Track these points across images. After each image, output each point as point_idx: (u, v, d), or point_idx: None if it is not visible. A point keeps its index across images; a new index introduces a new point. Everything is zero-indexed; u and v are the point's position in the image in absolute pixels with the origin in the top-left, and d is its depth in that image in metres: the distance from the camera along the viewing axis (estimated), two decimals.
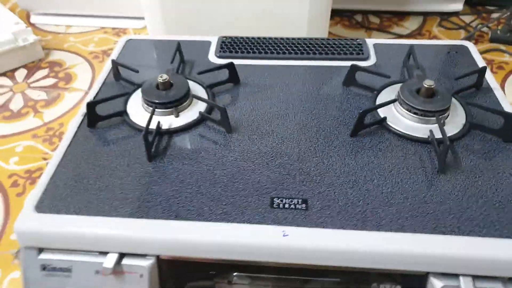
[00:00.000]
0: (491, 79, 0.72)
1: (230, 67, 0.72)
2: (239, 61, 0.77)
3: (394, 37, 1.44)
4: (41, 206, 0.54)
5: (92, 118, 0.65)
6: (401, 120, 0.64)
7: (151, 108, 0.64)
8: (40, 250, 0.53)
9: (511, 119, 0.60)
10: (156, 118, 0.64)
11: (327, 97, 0.70)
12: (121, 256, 0.52)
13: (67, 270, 0.52)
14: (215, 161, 0.59)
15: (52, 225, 0.52)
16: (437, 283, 0.48)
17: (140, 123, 0.64)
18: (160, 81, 0.65)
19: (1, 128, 1.14)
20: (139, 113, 0.66)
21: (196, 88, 0.71)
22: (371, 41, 0.82)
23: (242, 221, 0.51)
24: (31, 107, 1.20)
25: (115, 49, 0.82)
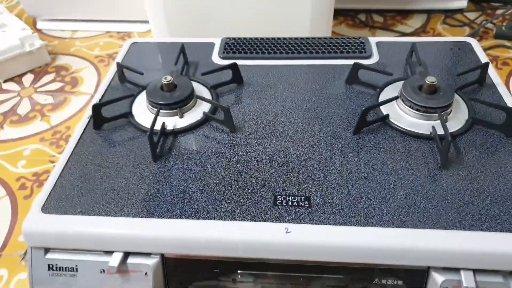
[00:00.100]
0: (494, 75, 0.72)
1: (234, 68, 0.73)
2: (242, 62, 0.77)
3: (398, 35, 1.44)
4: (48, 207, 0.55)
5: (98, 120, 0.66)
6: (404, 117, 0.64)
7: (156, 109, 0.65)
8: (47, 250, 0.54)
9: None
10: (161, 119, 0.65)
11: (330, 96, 0.70)
12: (126, 255, 0.52)
13: (73, 270, 0.53)
14: (219, 161, 0.59)
15: (59, 226, 0.53)
16: (439, 278, 0.49)
17: (145, 124, 0.65)
18: (165, 83, 0.66)
19: (9, 132, 1.15)
20: (144, 115, 0.67)
21: (200, 89, 0.71)
22: (374, 39, 0.83)
23: (246, 219, 0.52)
24: (38, 111, 1.21)
25: (120, 52, 0.83)
